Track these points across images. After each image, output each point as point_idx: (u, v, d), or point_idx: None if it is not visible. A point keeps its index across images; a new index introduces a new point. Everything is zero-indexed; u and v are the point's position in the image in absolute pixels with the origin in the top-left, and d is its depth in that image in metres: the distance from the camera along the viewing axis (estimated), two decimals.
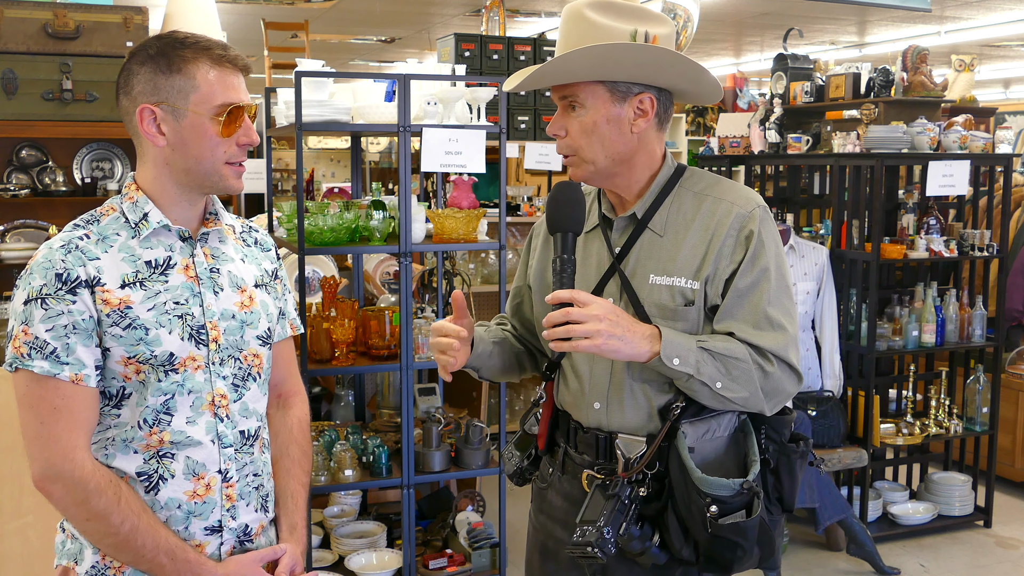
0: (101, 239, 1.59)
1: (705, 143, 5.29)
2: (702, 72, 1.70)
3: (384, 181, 8.22)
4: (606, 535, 1.60)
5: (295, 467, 1.82)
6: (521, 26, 9.97)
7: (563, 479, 1.85)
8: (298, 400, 1.90)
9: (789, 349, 1.67)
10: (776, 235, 1.73)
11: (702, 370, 1.62)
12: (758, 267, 1.67)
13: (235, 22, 9.33)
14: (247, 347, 1.69)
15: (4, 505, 2.82)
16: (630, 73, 1.67)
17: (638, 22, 1.68)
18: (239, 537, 1.68)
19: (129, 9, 4.13)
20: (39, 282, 1.52)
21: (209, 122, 1.58)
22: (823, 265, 4.20)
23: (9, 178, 4.37)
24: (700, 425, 1.70)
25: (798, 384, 1.70)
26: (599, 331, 1.56)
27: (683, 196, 1.75)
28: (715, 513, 1.59)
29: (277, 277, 1.83)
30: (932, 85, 4.44)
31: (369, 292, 4.33)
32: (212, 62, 1.59)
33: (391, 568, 3.39)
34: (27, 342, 1.52)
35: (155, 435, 1.59)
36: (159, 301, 1.59)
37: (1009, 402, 4.97)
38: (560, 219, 1.67)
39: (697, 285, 1.68)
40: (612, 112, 1.69)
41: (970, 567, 4.13)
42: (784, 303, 1.69)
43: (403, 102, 3.20)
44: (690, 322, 1.69)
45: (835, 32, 10.33)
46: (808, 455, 1.79)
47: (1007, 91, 16.06)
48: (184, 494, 1.61)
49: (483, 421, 3.95)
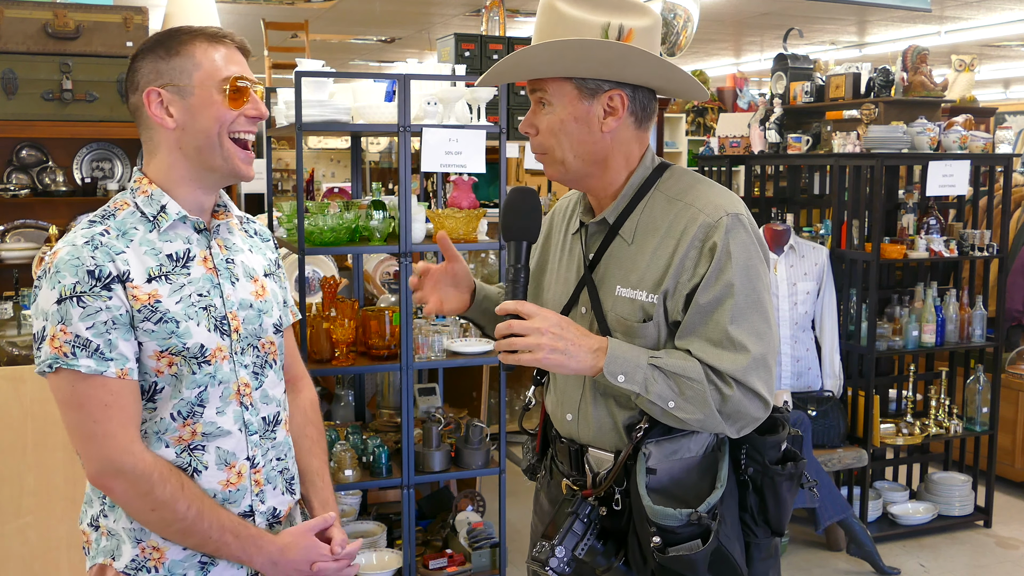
0: (121, 234, 1.59)
1: (705, 143, 5.30)
2: (672, 70, 1.59)
3: (384, 181, 8.22)
4: (558, 554, 1.57)
5: (315, 447, 1.87)
6: (521, 26, 9.97)
7: (551, 483, 1.84)
8: (305, 383, 1.95)
9: (750, 372, 1.53)
10: (748, 246, 1.57)
11: (651, 388, 1.53)
12: (721, 282, 1.54)
13: (235, 22, 9.33)
14: (265, 335, 1.73)
15: (4, 505, 2.82)
16: (594, 71, 1.58)
17: (612, 14, 1.57)
18: (268, 520, 1.72)
19: (129, 9, 4.13)
20: (70, 280, 1.52)
21: (217, 95, 1.59)
22: (823, 265, 4.20)
23: (9, 178, 4.37)
24: (667, 445, 1.59)
25: (764, 410, 1.57)
26: (540, 345, 1.51)
27: (656, 200, 1.64)
28: (658, 544, 1.51)
29: (279, 266, 1.87)
30: (932, 85, 4.44)
31: (369, 292, 4.33)
32: (209, 40, 1.61)
33: (391, 568, 3.39)
34: (68, 341, 1.51)
35: (188, 427, 1.62)
36: (184, 294, 1.61)
37: (1009, 402, 4.97)
38: (511, 227, 1.63)
39: (656, 299, 1.58)
40: (580, 110, 1.60)
41: (970, 567, 4.13)
42: (752, 320, 1.54)
43: (403, 102, 3.20)
44: (648, 338, 1.59)
45: (835, 32, 10.33)
46: (800, 476, 1.66)
47: (1007, 91, 16.07)
48: (218, 484, 1.64)
49: (483, 421, 3.95)
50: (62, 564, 2.89)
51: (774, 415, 1.64)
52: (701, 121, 8.95)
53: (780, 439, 1.65)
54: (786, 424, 1.67)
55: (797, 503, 1.74)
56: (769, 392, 1.56)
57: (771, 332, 1.57)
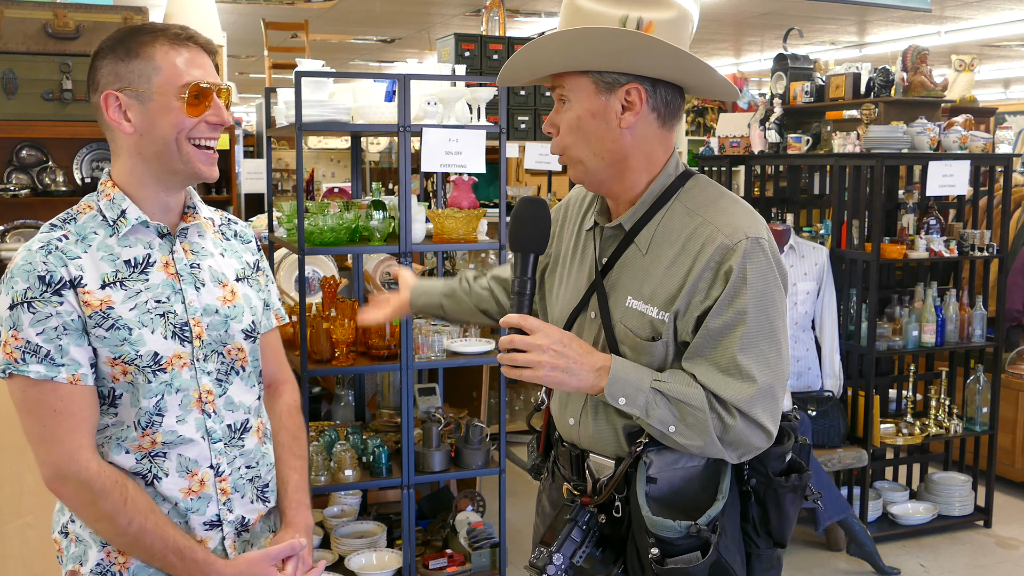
0: (80, 239, 1.57)
1: (705, 143, 5.29)
2: (692, 61, 1.51)
3: (384, 181, 8.22)
4: (555, 561, 1.55)
5: (285, 453, 1.82)
6: (521, 26, 9.98)
7: (552, 486, 1.83)
8: (287, 388, 1.90)
9: (755, 403, 1.48)
10: (766, 272, 1.51)
11: (651, 413, 1.50)
12: (734, 308, 1.49)
13: (235, 22, 9.33)
14: (231, 341, 1.68)
15: (4, 505, 2.82)
16: (610, 62, 1.52)
17: (631, 7, 1.52)
18: (237, 529, 1.69)
19: (129, 9, 4.14)
20: (22, 286, 1.50)
21: (176, 102, 1.55)
22: (823, 265, 4.20)
23: (9, 178, 4.37)
24: (669, 454, 1.56)
25: (767, 440, 1.53)
26: (540, 363, 1.49)
27: (675, 211, 1.58)
28: (656, 556, 1.49)
29: (259, 269, 1.81)
30: (932, 85, 4.44)
31: (369, 292, 4.33)
32: (170, 42, 1.56)
33: (391, 568, 3.39)
34: (19, 347, 1.50)
35: (148, 436, 1.59)
36: (140, 300, 1.57)
37: (1009, 402, 4.97)
38: (520, 238, 1.59)
39: (667, 317, 1.53)
40: (597, 105, 1.55)
41: (970, 567, 4.13)
42: (762, 349, 1.50)
43: (403, 102, 3.20)
44: (655, 357, 1.55)
45: (835, 32, 10.34)
46: (804, 488, 1.64)
47: (1007, 91, 16.07)
48: (179, 491, 1.61)
49: (483, 421, 3.95)
50: None
51: (782, 424, 1.60)
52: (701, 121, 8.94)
53: (785, 450, 1.61)
54: (793, 434, 1.62)
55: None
56: (774, 423, 1.53)
57: (781, 361, 1.53)
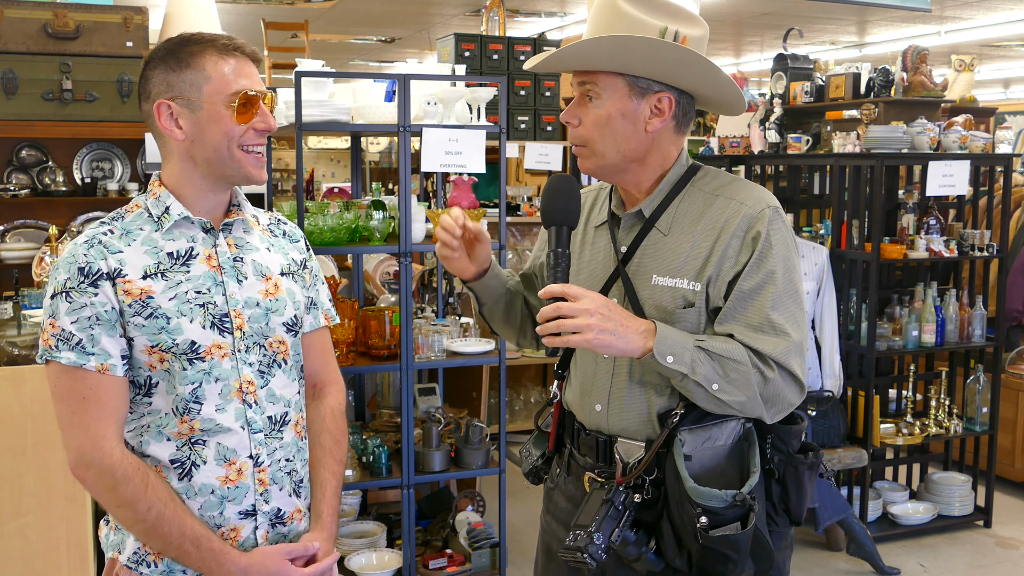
0: (125, 234, 1.64)
1: (705, 143, 5.29)
2: (726, 80, 1.64)
3: (384, 181, 8.23)
4: (596, 541, 1.58)
5: (326, 456, 1.85)
6: (521, 26, 9.98)
7: (568, 480, 1.84)
8: (333, 389, 1.92)
9: (791, 356, 1.59)
10: (787, 238, 1.65)
11: (697, 370, 1.56)
12: (764, 270, 1.60)
13: (235, 22, 9.33)
14: (272, 334, 1.73)
15: (4, 505, 2.82)
16: (651, 70, 1.62)
17: (670, 19, 1.62)
18: (271, 521, 1.72)
19: (129, 9, 4.13)
20: (63, 276, 1.59)
21: (225, 110, 1.63)
22: (823, 265, 4.20)
23: (9, 178, 4.37)
24: (700, 432, 1.64)
25: (800, 394, 1.63)
26: (589, 325, 1.52)
27: (693, 195, 1.70)
28: (705, 524, 1.55)
29: (306, 267, 1.86)
30: (932, 85, 4.44)
31: (369, 292, 4.33)
32: (219, 52, 1.64)
33: (391, 568, 3.39)
34: (54, 334, 1.58)
35: (186, 423, 1.63)
36: (180, 291, 1.63)
37: (1009, 402, 4.97)
38: (554, 212, 1.65)
39: (699, 287, 1.63)
40: (628, 107, 1.64)
41: (970, 567, 4.13)
42: (790, 308, 1.61)
43: (403, 102, 3.20)
44: (689, 324, 1.64)
45: (835, 32, 10.34)
46: (818, 466, 1.73)
47: (1007, 91, 16.07)
48: (216, 479, 1.65)
49: (483, 421, 3.95)
50: (62, 564, 2.89)
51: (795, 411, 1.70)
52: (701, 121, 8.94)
53: (801, 429, 1.71)
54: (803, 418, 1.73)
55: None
56: (804, 377, 1.62)
57: (805, 322, 1.64)
